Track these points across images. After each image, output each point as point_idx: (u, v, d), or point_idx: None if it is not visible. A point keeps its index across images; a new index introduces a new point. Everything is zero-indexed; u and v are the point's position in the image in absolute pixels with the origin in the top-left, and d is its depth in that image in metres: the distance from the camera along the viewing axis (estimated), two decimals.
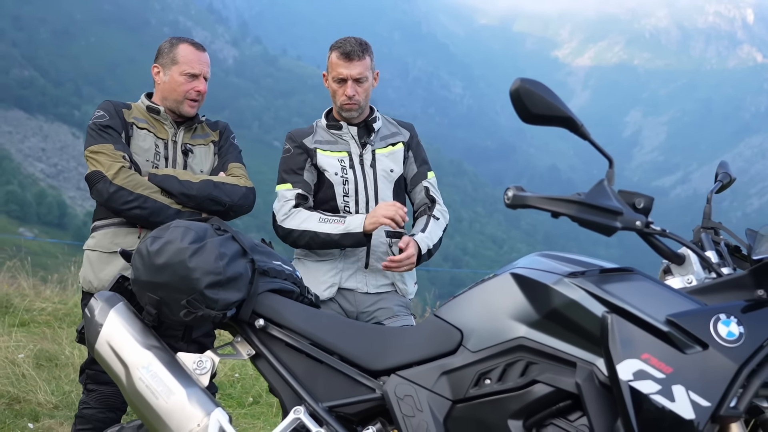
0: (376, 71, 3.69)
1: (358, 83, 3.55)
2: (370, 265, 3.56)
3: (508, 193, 2.17)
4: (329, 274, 3.56)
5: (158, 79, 3.68)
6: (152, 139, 3.60)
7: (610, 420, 2.11)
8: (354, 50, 3.53)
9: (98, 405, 3.46)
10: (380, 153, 3.63)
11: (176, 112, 3.66)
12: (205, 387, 2.55)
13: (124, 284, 2.70)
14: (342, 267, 3.57)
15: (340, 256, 3.56)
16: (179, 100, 3.62)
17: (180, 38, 3.73)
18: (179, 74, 3.61)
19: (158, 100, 3.68)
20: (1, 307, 7.73)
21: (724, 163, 2.81)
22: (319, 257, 3.59)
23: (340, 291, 3.57)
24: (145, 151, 3.57)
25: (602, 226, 2.10)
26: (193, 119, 3.71)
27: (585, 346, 2.17)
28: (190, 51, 3.65)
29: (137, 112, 3.66)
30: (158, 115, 3.65)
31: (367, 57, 3.57)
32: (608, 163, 2.23)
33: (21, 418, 4.99)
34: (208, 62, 3.71)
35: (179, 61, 3.62)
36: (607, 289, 2.15)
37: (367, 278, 3.57)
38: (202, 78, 3.66)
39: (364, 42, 3.62)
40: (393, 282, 3.60)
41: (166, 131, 3.65)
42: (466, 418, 2.33)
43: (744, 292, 2.14)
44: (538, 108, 2.17)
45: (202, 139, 3.75)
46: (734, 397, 2.00)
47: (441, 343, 2.41)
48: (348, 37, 3.62)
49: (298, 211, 3.54)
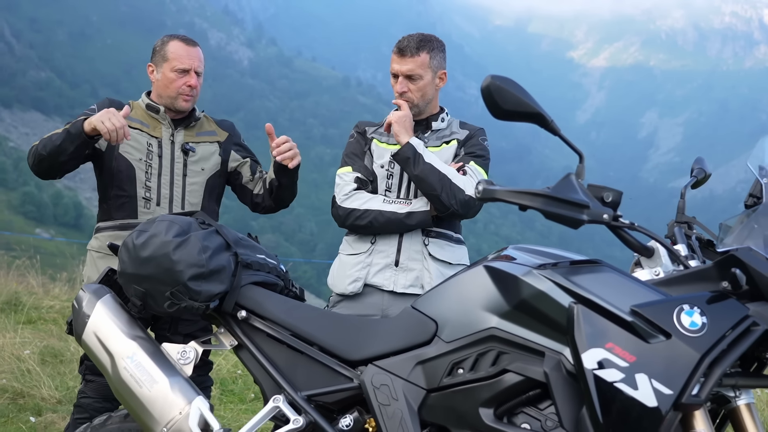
0: (441, 71, 3.58)
1: (410, 80, 3.51)
2: (400, 263, 3.51)
3: (478, 187, 2.23)
4: (356, 268, 3.53)
5: (153, 78, 3.74)
6: (145, 138, 3.66)
7: (577, 408, 2.16)
8: (408, 46, 3.50)
9: (95, 395, 3.53)
10: (432, 150, 3.54)
11: (172, 109, 3.72)
12: (188, 376, 2.61)
13: (113, 277, 2.77)
14: (370, 262, 3.53)
15: (372, 252, 3.54)
16: (173, 96, 3.68)
17: (172, 35, 3.78)
18: (170, 70, 3.67)
19: (156, 98, 3.75)
20: (10, 304, 7.84)
21: (699, 159, 2.86)
22: (353, 251, 3.57)
23: (367, 288, 3.53)
24: (137, 150, 3.63)
25: (569, 219, 2.15)
26: (190, 117, 3.77)
27: (553, 336, 2.23)
28: (179, 47, 3.71)
29: (134, 111, 3.71)
30: (157, 114, 3.71)
31: (424, 54, 3.49)
32: (579, 158, 2.27)
33: (24, 413, 5.08)
34: (199, 57, 3.74)
35: (169, 58, 3.68)
36: (574, 281, 2.21)
37: (396, 276, 3.50)
38: (193, 72, 3.70)
39: (427, 39, 3.54)
40: (422, 284, 3.50)
41: (161, 130, 3.71)
42: (440, 407, 2.39)
43: (709, 284, 2.18)
44: (509, 104, 2.23)
45: (208, 137, 3.81)
46: (696, 385, 2.04)
47: (417, 333, 2.47)
48: (413, 33, 3.58)
49: (359, 193, 3.52)
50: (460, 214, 3.41)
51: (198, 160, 3.74)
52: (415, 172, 3.40)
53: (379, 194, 3.55)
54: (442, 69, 3.57)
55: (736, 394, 2.20)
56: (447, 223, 3.53)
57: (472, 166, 3.46)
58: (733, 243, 2.25)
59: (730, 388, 2.19)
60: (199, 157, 3.75)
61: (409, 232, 3.49)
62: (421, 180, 3.38)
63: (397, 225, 3.45)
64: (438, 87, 3.58)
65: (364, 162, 3.61)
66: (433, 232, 3.50)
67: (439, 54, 3.55)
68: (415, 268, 3.48)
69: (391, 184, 3.55)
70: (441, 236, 3.52)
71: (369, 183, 3.57)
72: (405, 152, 3.42)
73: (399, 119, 3.47)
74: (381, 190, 3.56)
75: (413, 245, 3.49)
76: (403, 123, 3.46)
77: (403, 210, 3.45)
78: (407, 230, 3.47)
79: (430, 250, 3.49)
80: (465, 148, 3.55)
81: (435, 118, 3.61)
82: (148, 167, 3.64)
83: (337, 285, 3.57)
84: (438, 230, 3.51)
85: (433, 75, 3.54)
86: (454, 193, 3.35)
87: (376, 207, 3.47)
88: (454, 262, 3.50)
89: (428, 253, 3.49)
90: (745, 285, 2.12)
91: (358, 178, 3.56)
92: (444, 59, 3.59)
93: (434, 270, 3.46)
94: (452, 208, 3.37)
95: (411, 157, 3.41)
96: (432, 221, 3.46)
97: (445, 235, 3.53)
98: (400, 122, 3.47)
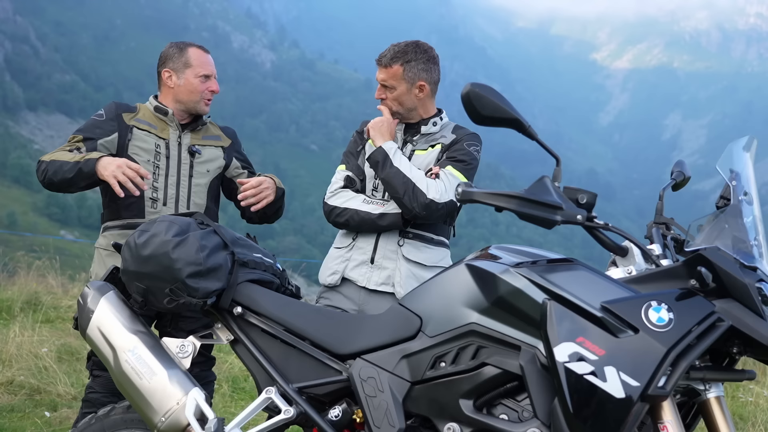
0: (420, 82, 3.61)
1: (386, 89, 3.65)
2: (375, 261, 3.64)
3: (458, 189, 2.36)
4: (336, 261, 3.69)
5: (170, 83, 3.89)
6: (153, 139, 3.82)
7: (550, 399, 2.28)
8: (384, 57, 3.62)
9: (102, 390, 3.67)
10: (418, 153, 3.67)
11: (191, 112, 3.89)
12: (186, 369, 2.75)
13: (117, 275, 2.91)
14: (349, 257, 3.67)
15: (353, 248, 3.67)
16: (196, 100, 3.86)
17: (186, 43, 3.96)
18: (194, 76, 3.85)
19: (168, 102, 3.90)
20: (30, 304, 8.01)
21: (679, 162, 2.97)
22: (338, 245, 3.72)
23: (345, 282, 3.67)
24: (145, 151, 3.78)
25: (542, 220, 2.27)
26: (196, 121, 3.92)
27: (528, 331, 2.35)
28: (201, 54, 3.90)
29: (142, 113, 3.88)
30: (165, 116, 3.86)
31: (396, 66, 3.58)
32: (555, 161, 2.40)
33: (40, 408, 5.23)
34: (214, 63, 3.96)
35: (193, 64, 3.86)
36: (548, 278, 2.33)
37: (371, 273, 3.63)
38: (213, 78, 3.92)
39: (404, 51, 3.61)
40: (393, 283, 3.62)
41: (169, 132, 3.86)
42: (423, 398, 2.51)
43: (678, 282, 2.29)
44: (487, 110, 2.36)
45: (213, 141, 3.97)
46: (662, 378, 2.14)
47: (402, 329, 2.60)
48: (400, 43, 3.67)
49: (344, 191, 3.67)
50: (422, 216, 3.50)
51: (203, 162, 3.89)
52: (382, 175, 3.52)
53: (367, 193, 3.67)
54: (419, 80, 3.61)
55: (705, 388, 2.32)
56: (429, 225, 3.62)
57: (448, 171, 3.54)
58: (702, 243, 2.36)
59: (699, 381, 2.30)
60: (204, 159, 3.90)
61: (386, 232, 3.60)
62: (387, 183, 3.51)
63: (370, 225, 3.57)
64: (419, 97, 3.63)
65: (358, 161, 3.74)
66: (411, 234, 3.60)
67: (419, 66, 3.59)
68: (388, 267, 3.59)
69: (377, 183, 3.66)
70: (419, 238, 3.61)
71: (357, 182, 3.70)
72: (375, 156, 3.56)
73: (375, 124, 3.62)
74: (368, 189, 3.69)
75: (389, 245, 3.61)
76: (379, 128, 3.59)
77: (376, 211, 3.56)
78: (380, 230, 3.59)
79: (404, 251, 3.59)
80: (447, 153, 3.63)
81: (426, 122, 3.69)
82: (156, 168, 3.79)
83: (321, 276, 3.73)
84: (416, 232, 3.61)
85: (409, 86, 3.60)
86: (416, 196, 3.45)
87: (354, 206, 3.59)
88: (428, 264, 3.59)
89: (402, 253, 3.59)
90: (712, 283, 2.23)
91: (347, 177, 3.69)
92: (426, 70, 3.62)
93: (405, 270, 3.56)
94: (414, 211, 3.47)
95: (380, 160, 3.53)
96: (405, 223, 3.57)
97: (425, 237, 3.62)
98: (376, 127, 3.60)
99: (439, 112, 3.75)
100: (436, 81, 3.68)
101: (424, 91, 3.63)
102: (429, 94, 3.66)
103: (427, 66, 3.62)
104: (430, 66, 3.63)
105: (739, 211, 2.39)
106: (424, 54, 3.62)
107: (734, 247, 2.31)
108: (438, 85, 3.72)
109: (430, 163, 3.64)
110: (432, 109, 3.72)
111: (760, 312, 2.20)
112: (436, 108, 3.74)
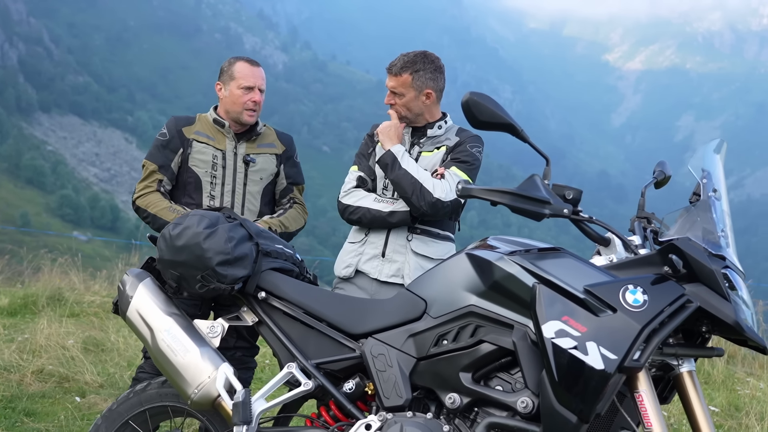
0: (427, 90, 3.91)
1: (395, 95, 3.96)
2: (386, 255, 3.95)
3: (458, 186, 2.67)
4: (350, 255, 4.01)
5: (221, 95, 4.20)
6: (211, 150, 4.13)
7: (539, 371, 2.57)
8: (394, 66, 3.93)
9: (152, 371, 3.99)
10: (425, 155, 3.98)
11: (238, 122, 4.17)
12: (216, 347, 3.06)
13: (152, 264, 3.23)
14: (362, 251, 3.98)
15: (365, 243, 3.99)
16: (239, 111, 4.13)
17: (237, 57, 4.26)
18: (236, 88, 4.13)
19: (222, 114, 4.20)
20: (54, 299, 8.33)
21: (661, 162, 3.26)
22: (352, 239, 4.04)
23: (358, 274, 3.98)
24: (204, 162, 4.11)
25: (532, 213, 2.58)
26: (251, 131, 4.21)
27: (520, 311, 2.65)
28: (245, 67, 4.19)
29: (201, 124, 4.19)
30: (223, 128, 4.17)
31: (405, 75, 3.88)
32: (546, 162, 2.71)
33: (69, 394, 5.55)
34: (262, 76, 4.23)
35: (236, 77, 4.15)
36: (538, 265, 2.63)
37: (382, 266, 3.94)
38: (257, 90, 4.17)
39: (413, 61, 3.90)
40: (403, 275, 3.92)
41: (225, 143, 4.16)
42: (428, 372, 2.82)
43: (652, 268, 2.59)
44: (484, 116, 2.68)
45: (267, 149, 4.25)
46: (637, 352, 2.43)
47: (409, 311, 2.91)
48: (409, 53, 3.96)
49: (356, 191, 3.98)
50: (429, 214, 3.81)
51: (257, 170, 4.18)
52: (391, 176, 3.84)
53: (377, 192, 3.98)
54: (427, 88, 3.91)
55: (678, 363, 2.60)
56: (436, 221, 3.93)
57: (452, 171, 3.85)
58: (675, 233, 2.66)
59: (673, 357, 2.59)
60: (258, 167, 4.18)
61: (396, 228, 3.92)
62: (396, 184, 3.82)
63: (381, 222, 3.90)
64: (426, 103, 3.95)
65: (369, 162, 4.05)
66: (419, 229, 3.92)
67: (426, 75, 3.90)
68: (398, 260, 3.91)
69: (387, 183, 3.96)
70: (426, 233, 3.94)
71: (369, 181, 4.01)
72: (385, 158, 3.89)
73: (384, 129, 3.94)
74: (379, 188, 4.00)
75: (398, 240, 3.93)
76: (388, 132, 3.92)
77: (386, 209, 3.88)
78: (390, 227, 3.92)
79: (412, 245, 3.91)
80: (452, 154, 3.93)
81: (432, 125, 3.99)
82: (213, 178, 4.11)
83: (336, 268, 4.05)
84: (423, 227, 3.93)
85: (417, 93, 3.91)
86: (424, 195, 3.76)
87: (366, 205, 3.92)
88: (435, 257, 3.88)
89: (410, 248, 3.91)
90: (683, 269, 2.52)
91: (359, 177, 4.02)
92: (433, 79, 3.92)
93: (413, 263, 3.88)
94: (422, 209, 3.78)
95: (389, 163, 3.85)
96: (413, 220, 3.88)
97: (431, 233, 3.94)
98: (385, 131, 3.93)
99: (443, 116, 4.05)
100: (442, 88, 4.00)
101: (431, 98, 3.94)
102: (435, 101, 3.97)
103: (434, 75, 3.93)
104: (437, 75, 3.94)
105: (708, 206, 2.68)
106: (432, 64, 3.93)
107: (704, 238, 2.60)
108: (443, 92, 4.02)
109: (436, 163, 3.94)
110: (437, 113, 4.03)
111: (725, 295, 2.48)
112: (440, 112, 4.04)
